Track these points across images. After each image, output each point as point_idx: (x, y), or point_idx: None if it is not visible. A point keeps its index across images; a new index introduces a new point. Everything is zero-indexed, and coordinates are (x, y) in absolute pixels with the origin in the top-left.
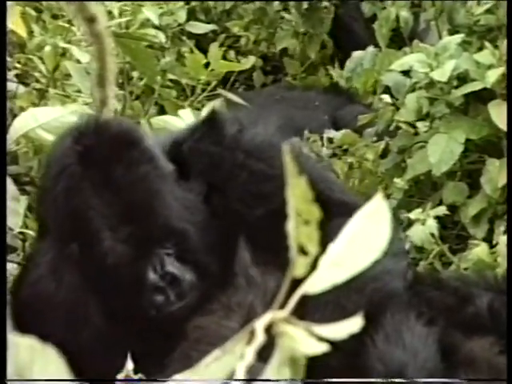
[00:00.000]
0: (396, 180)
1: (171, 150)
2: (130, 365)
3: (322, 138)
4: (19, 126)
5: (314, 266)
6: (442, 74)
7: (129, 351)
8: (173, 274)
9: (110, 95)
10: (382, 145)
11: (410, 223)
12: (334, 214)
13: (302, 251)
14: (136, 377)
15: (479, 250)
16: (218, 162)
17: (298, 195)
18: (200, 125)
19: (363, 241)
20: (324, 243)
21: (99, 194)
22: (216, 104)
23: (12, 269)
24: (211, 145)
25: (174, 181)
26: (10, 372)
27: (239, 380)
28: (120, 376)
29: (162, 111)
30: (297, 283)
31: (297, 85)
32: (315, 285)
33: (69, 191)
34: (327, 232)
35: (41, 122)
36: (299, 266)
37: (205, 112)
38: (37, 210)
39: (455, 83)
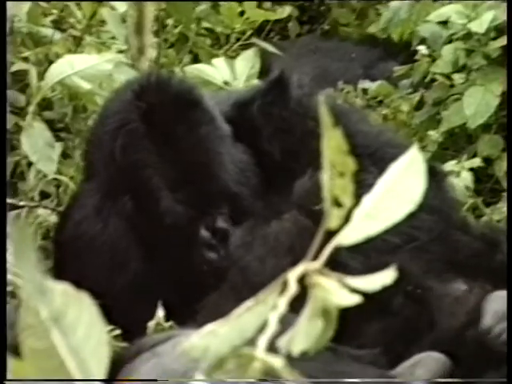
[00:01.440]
0: (430, 132)
1: (234, 111)
2: (160, 312)
3: (356, 89)
4: (55, 72)
5: (347, 218)
6: (479, 25)
7: (160, 300)
8: (225, 230)
9: (147, 43)
10: (417, 97)
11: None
12: (370, 166)
13: (336, 203)
14: (167, 325)
15: None
16: (288, 127)
17: (332, 147)
18: (268, 87)
19: (398, 193)
20: (358, 195)
21: (160, 153)
22: (282, 67)
23: (46, 214)
24: (281, 108)
25: (231, 142)
26: (45, 317)
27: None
28: (151, 324)
29: (196, 60)
30: (330, 235)
31: (333, 36)
32: (348, 237)
33: (128, 147)
34: (362, 184)
35: (77, 69)
36: (333, 217)
37: (242, 63)
38: (86, 153)
39: (493, 34)
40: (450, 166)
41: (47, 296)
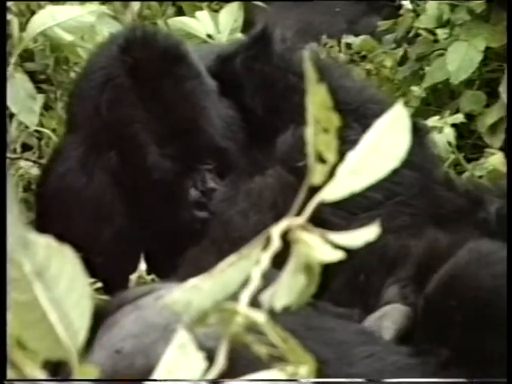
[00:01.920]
0: (413, 88)
1: (217, 65)
2: (142, 266)
3: (339, 44)
4: (37, 23)
5: (331, 174)
6: None
7: (143, 253)
8: (213, 189)
9: None
10: (400, 52)
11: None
12: (352, 122)
13: (320, 159)
14: (149, 278)
15: (494, 159)
16: (271, 82)
17: (317, 103)
18: (251, 41)
19: (382, 149)
20: (341, 151)
21: (146, 109)
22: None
23: (27, 167)
24: (264, 63)
25: (217, 97)
26: (28, 270)
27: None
28: (133, 277)
29: (179, 12)
30: (314, 191)
31: None
32: (332, 192)
33: (114, 102)
34: (344, 140)
35: (59, 20)
36: (317, 173)
37: (226, 16)
38: (69, 106)
39: None
40: (432, 121)
41: (30, 249)
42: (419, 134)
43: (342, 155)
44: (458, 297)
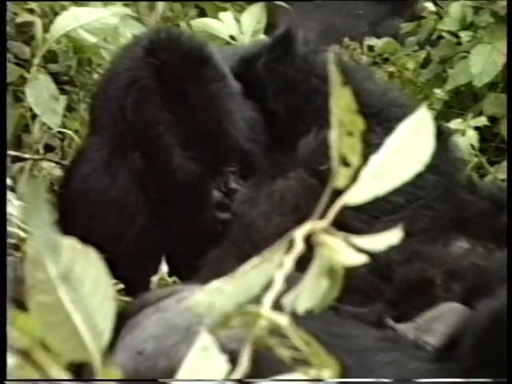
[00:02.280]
0: (436, 90)
1: (240, 67)
2: (164, 268)
3: (362, 46)
4: (61, 24)
5: (355, 178)
6: None
7: (164, 255)
8: (236, 191)
9: None
10: (423, 54)
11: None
12: (375, 125)
13: (344, 162)
14: (170, 280)
15: None
16: (293, 84)
17: (341, 106)
18: (274, 43)
19: (406, 153)
20: (366, 155)
21: (171, 111)
22: (288, 22)
23: (50, 168)
24: (286, 65)
25: (241, 99)
26: (53, 274)
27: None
28: (155, 279)
29: (202, 13)
30: (337, 194)
31: None
32: (356, 196)
33: (140, 104)
34: (367, 144)
35: (82, 22)
36: (341, 176)
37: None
38: (93, 108)
39: None
40: (455, 124)
41: (57, 251)
42: (442, 137)
43: (365, 159)
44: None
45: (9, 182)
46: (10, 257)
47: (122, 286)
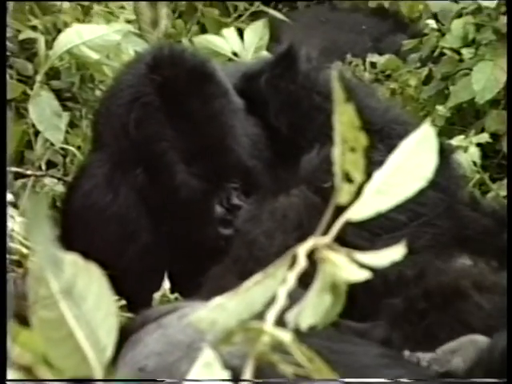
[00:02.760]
0: (438, 107)
1: (243, 84)
2: (166, 284)
3: (364, 63)
4: (64, 41)
5: (358, 194)
6: (489, 0)
7: (166, 271)
8: (239, 206)
9: (162, 15)
10: (425, 71)
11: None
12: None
13: (347, 178)
14: (172, 296)
15: None
16: (295, 101)
17: (345, 122)
18: (277, 60)
19: (409, 169)
20: (369, 171)
21: (174, 127)
22: (291, 38)
23: (52, 184)
24: (289, 82)
25: (244, 115)
26: (56, 290)
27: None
28: (157, 295)
29: (203, 30)
30: (340, 210)
31: (343, 7)
32: (359, 212)
33: (143, 120)
34: (370, 161)
35: (85, 38)
36: (343, 192)
37: (251, 34)
38: (95, 124)
39: (503, 9)
40: (457, 141)
41: (59, 267)
42: (443, 154)
43: (368, 175)
44: None
45: (11, 198)
46: (12, 273)
47: (123, 302)
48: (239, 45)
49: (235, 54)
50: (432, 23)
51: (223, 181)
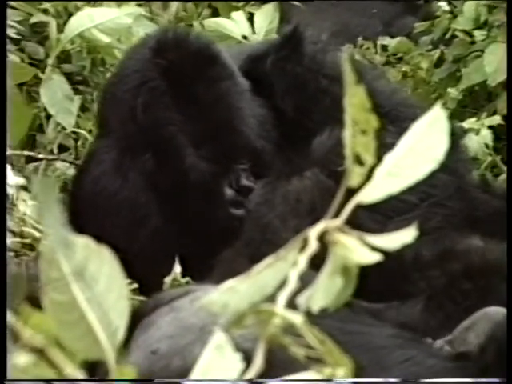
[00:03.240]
0: (450, 90)
1: (248, 65)
2: (177, 268)
3: (375, 46)
4: (75, 25)
5: (369, 176)
6: None
7: (177, 255)
8: (249, 187)
9: None
10: (436, 53)
11: (464, 133)
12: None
13: (358, 161)
14: (183, 280)
15: None
16: (302, 84)
17: (355, 104)
18: (282, 41)
19: (420, 151)
20: (380, 153)
21: (182, 111)
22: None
23: (64, 167)
24: (295, 64)
25: (250, 97)
26: (67, 272)
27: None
28: (168, 279)
29: (215, 13)
30: (351, 193)
31: None
32: (370, 194)
33: (150, 105)
34: (384, 142)
35: (96, 22)
36: (355, 175)
37: (261, 17)
38: (101, 110)
39: None
40: (469, 123)
41: (70, 249)
42: (453, 137)
43: (378, 158)
44: None
45: (23, 181)
46: (24, 256)
47: (135, 285)
48: (249, 28)
49: (245, 38)
50: (444, 5)
51: (232, 162)
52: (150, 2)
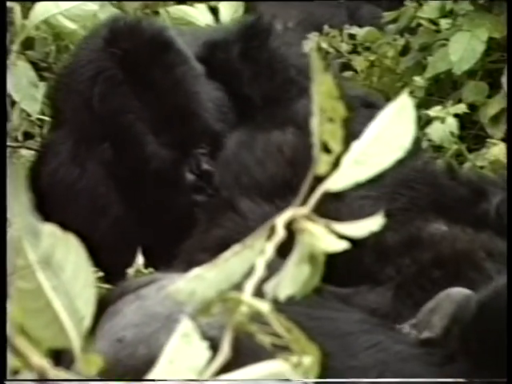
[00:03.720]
0: (416, 78)
1: (204, 50)
2: (140, 259)
3: (341, 34)
4: (40, 11)
5: (336, 164)
6: None
7: (140, 245)
8: (209, 171)
9: None
10: (402, 42)
11: (429, 121)
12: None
13: (326, 149)
14: (147, 271)
15: (496, 150)
16: (269, 73)
17: (323, 92)
18: (244, 30)
19: (387, 139)
20: (347, 141)
21: (139, 98)
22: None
23: (29, 155)
24: (260, 53)
25: (205, 81)
26: (34, 260)
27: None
28: (130, 271)
29: (181, 1)
30: (319, 181)
31: None
32: (337, 182)
33: (107, 94)
34: (351, 130)
35: (62, 8)
36: (322, 163)
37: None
38: (54, 101)
39: None
40: (435, 111)
41: (37, 237)
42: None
43: (346, 145)
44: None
45: None
46: None
47: (101, 273)
48: (213, 17)
49: (209, 26)
50: None
51: (192, 147)
52: None
